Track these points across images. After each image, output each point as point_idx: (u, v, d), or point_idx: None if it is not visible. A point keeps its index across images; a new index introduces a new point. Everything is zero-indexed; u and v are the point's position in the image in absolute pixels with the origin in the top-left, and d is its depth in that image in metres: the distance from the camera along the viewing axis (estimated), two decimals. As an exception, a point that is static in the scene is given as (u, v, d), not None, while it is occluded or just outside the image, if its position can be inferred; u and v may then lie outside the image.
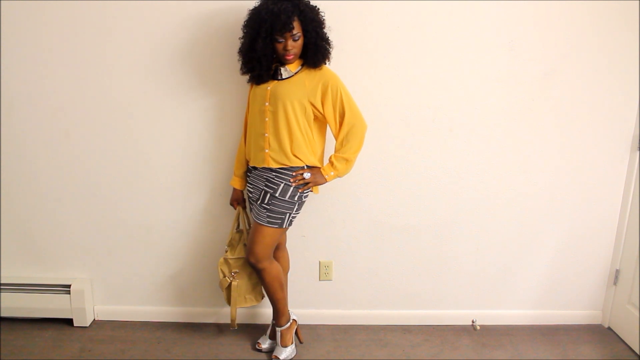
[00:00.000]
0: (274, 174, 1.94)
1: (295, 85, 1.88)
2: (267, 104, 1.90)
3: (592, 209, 2.36)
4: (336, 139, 1.97)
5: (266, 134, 1.92)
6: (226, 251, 2.14)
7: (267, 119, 1.91)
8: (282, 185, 1.93)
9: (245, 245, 2.13)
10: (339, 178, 2.02)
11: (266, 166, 1.94)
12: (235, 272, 2.12)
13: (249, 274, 2.14)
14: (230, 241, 2.16)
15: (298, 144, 1.91)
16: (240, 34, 1.89)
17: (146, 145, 2.25)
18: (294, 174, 1.94)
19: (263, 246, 1.96)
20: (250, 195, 2.06)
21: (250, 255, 1.98)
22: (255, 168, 2.01)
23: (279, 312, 2.14)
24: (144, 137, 2.24)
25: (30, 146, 2.26)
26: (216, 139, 2.24)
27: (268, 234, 1.96)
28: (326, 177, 1.96)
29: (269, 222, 1.94)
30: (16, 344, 2.28)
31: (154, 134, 2.24)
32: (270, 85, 1.90)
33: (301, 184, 1.95)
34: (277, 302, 2.11)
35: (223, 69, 2.14)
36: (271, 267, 2.02)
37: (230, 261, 2.11)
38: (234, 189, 2.17)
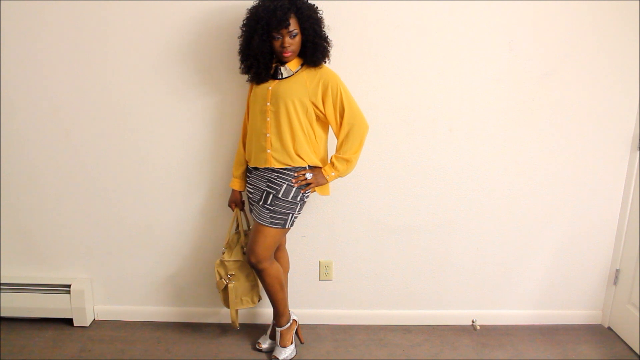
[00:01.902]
0: (276, 174, 1.94)
1: (297, 84, 1.88)
2: (268, 103, 1.89)
3: (592, 209, 2.36)
4: (337, 139, 1.97)
5: (268, 134, 1.91)
6: (223, 253, 2.13)
7: (268, 119, 1.90)
8: (285, 185, 1.93)
9: (242, 247, 2.13)
10: (340, 178, 2.02)
11: (268, 166, 1.94)
12: (231, 275, 2.11)
13: (245, 276, 2.13)
14: (227, 243, 2.16)
15: (300, 143, 1.91)
16: (239, 33, 1.90)
17: (146, 145, 2.25)
18: (295, 174, 1.94)
19: (264, 247, 1.96)
20: (251, 196, 2.05)
21: (251, 256, 1.97)
22: (256, 169, 2.01)
23: (279, 313, 2.14)
24: (144, 137, 2.24)
25: (31, 146, 2.26)
26: (216, 139, 2.24)
27: (270, 234, 1.96)
28: (327, 177, 1.96)
29: (271, 223, 1.94)
30: (16, 344, 2.28)
31: (154, 134, 2.24)
32: (271, 85, 1.90)
33: (303, 185, 1.95)
34: (277, 303, 2.11)
35: (223, 68, 2.14)
36: (271, 268, 2.01)
37: (226, 263, 2.10)
38: (233, 191, 2.16)
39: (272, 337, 2.26)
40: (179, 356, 2.21)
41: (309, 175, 1.94)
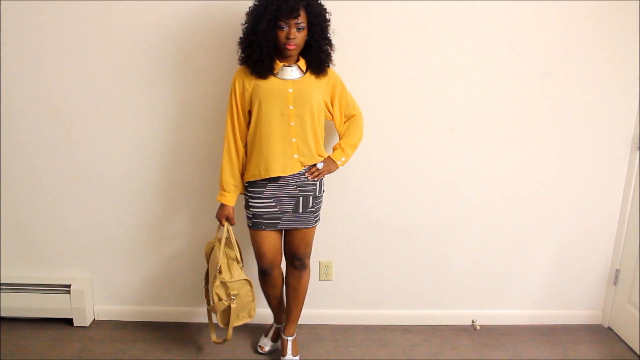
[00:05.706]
0: (303, 176, 1.93)
1: (315, 86, 1.86)
2: (291, 107, 1.83)
3: (592, 209, 2.36)
4: (339, 129, 2.01)
5: (294, 139, 1.85)
6: (220, 272, 1.91)
7: (292, 123, 1.84)
8: (318, 183, 1.97)
9: (238, 262, 1.99)
10: (339, 174, 2.06)
11: (295, 172, 1.90)
12: (234, 295, 1.93)
13: (245, 292, 1.97)
14: (220, 262, 1.93)
15: (320, 143, 1.93)
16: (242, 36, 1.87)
17: (146, 145, 2.25)
18: (305, 173, 1.92)
19: (310, 244, 2.06)
20: (273, 210, 1.92)
21: (305, 258, 2.06)
22: (276, 178, 1.89)
23: (295, 319, 2.16)
24: (144, 137, 2.24)
25: (31, 146, 2.26)
26: (216, 140, 2.23)
27: (314, 232, 2.04)
28: (338, 163, 1.98)
29: (316, 222, 2.02)
30: (16, 344, 2.28)
31: (155, 134, 2.24)
32: (291, 87, 1.82)
33: (316, 175, 1.95)
34: (298, 308, 2.15)
35: (225, 67, 2.13)
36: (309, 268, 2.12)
37: (228, 284, 1.91)
38: (224, 205, 1.94)
39: (274, 339, 2.25)
40: (179, 356, 2.21)
41: (319, 165, 1.94)
